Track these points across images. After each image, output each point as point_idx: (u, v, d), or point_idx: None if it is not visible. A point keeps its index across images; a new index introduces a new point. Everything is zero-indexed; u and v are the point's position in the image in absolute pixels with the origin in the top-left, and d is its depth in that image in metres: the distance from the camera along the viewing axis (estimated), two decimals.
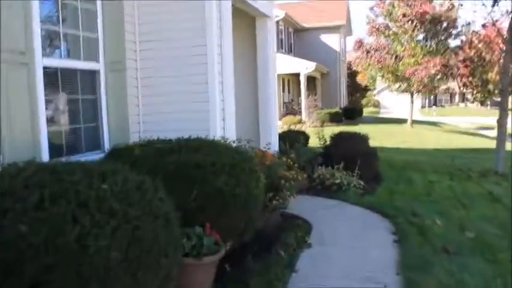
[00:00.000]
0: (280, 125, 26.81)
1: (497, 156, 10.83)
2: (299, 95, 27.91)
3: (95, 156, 5.20)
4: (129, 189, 2.85)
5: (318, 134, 12.60)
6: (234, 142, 6.10)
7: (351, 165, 8.78)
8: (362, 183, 8.24)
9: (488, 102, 60.92)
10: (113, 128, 5.77)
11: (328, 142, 12.23)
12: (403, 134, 24.60)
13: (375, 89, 60.42)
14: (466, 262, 4.68)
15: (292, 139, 9.73)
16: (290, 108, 27.39)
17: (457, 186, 8.48)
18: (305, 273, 4.42)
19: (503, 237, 5.47)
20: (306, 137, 12.00)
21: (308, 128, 22.06)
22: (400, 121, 31.99)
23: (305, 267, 4.56)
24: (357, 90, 46.90)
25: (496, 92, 13.15)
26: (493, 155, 18.03)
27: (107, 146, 5.61)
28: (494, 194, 7.85)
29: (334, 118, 26.72)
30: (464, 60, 12.72)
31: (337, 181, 8.13)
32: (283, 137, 9.76)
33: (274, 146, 8.74)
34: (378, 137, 14.24)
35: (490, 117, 45.77)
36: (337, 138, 11.65)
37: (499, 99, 11.85)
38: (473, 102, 63.80)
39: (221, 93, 6.37)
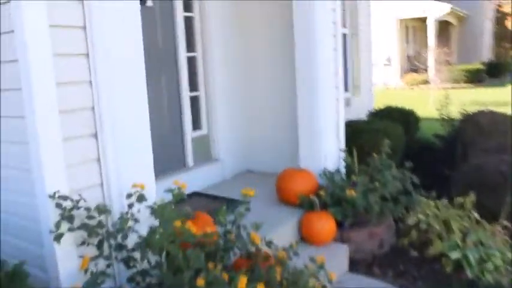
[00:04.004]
0: (401, 86, 21.50)
1: None
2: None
3: None
4: None
5: (441, 109, 7.86)
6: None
7: (494, 200, 4.17)
8: None
9: None
10: None
11: (455, 121, 7.52)
12: None
13: None
14: None
15: (376, 137, 5.24)
16: (413, 64, 21.73)
17: None
18: None
19: None
20: (414, 120, 7.32)
21: (435, 89, 16.59)
22: None
23: None
24: (505, 39, 38.25)
25: None
26: None
27: None
28: None
29: (473, 77, 20.54)
30: None
31: (455, 255, 3.60)
32: (358, 132, 5.30)
33: (328, 160, 4.39)
34: None
35: None
36: (469, 122, 6.84)
37: None
38: None
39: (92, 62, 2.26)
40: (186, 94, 4.68)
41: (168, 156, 4.56)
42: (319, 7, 4.24)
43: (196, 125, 4.88)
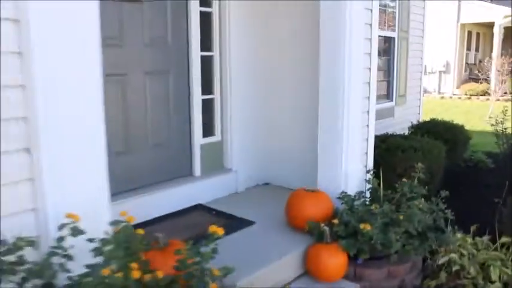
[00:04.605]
0: (457, 95, 20.17)
1: None
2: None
3: None
4: None
5: (496, 125, 7.18)
6: None
7: None
8: None
9: None
10: None
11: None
12: None
13: None
14: None
15: (412, 156, 4.64)
16: (473, 73, 20.41)
17: None
18: None
19: None
20: (463, 138, 6.60)
21: (495, 101, 15.34)
22: None
23: None
24: None
25: None
26: None
27: None
28: None
29: None
30: None
31: None
32: (392, 149, 4.71)
33: (350, 181, 3.82)
34: None
35: None
36: None
37: None
38: None
39: None
40: (197, 96, 4.24)
41: (171, 164, 4.14)
42: (349, 5, 3.68)
43: (208, 130, 4.43)
